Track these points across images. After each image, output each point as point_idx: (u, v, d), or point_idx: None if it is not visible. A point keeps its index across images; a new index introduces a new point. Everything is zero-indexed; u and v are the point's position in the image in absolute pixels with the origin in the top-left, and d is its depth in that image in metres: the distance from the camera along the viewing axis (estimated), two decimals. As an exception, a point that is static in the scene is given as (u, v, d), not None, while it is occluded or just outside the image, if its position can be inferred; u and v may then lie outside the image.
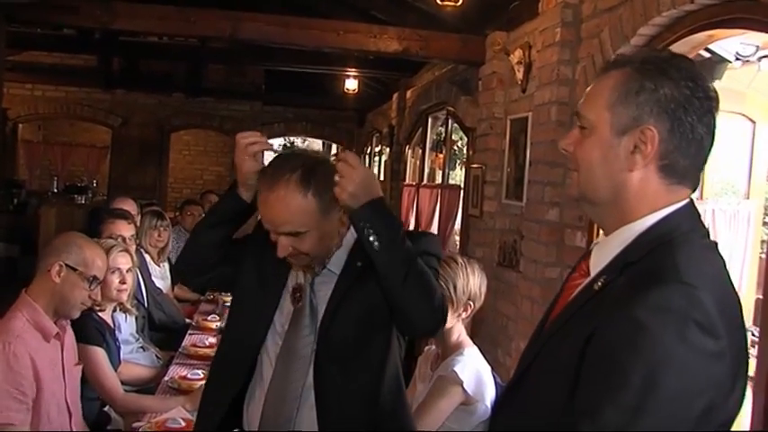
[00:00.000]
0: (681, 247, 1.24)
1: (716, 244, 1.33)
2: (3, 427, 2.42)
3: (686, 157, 1.28)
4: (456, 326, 2.67)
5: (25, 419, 2.48)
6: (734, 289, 1.28)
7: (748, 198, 4.08)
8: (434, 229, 7.09)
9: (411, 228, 7.75)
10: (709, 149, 1.31)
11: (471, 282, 2.67)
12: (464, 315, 2.69)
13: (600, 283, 1.29)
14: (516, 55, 4.95)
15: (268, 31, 5.33)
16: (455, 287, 2.63)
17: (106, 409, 3.43)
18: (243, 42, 5.70)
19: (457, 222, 6.59)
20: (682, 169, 1.29)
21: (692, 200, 1.33)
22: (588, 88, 1.39)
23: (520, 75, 4.91)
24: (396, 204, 8.42)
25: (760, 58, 4.65)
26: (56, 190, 12.88)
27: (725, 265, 1.30)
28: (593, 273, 1.35)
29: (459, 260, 2.71)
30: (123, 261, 3.55)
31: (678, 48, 3.42)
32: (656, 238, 1.27)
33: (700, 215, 1.34)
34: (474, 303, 2.70)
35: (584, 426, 1.16)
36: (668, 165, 1.28)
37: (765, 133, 4.10)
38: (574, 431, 1.17)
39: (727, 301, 1.21)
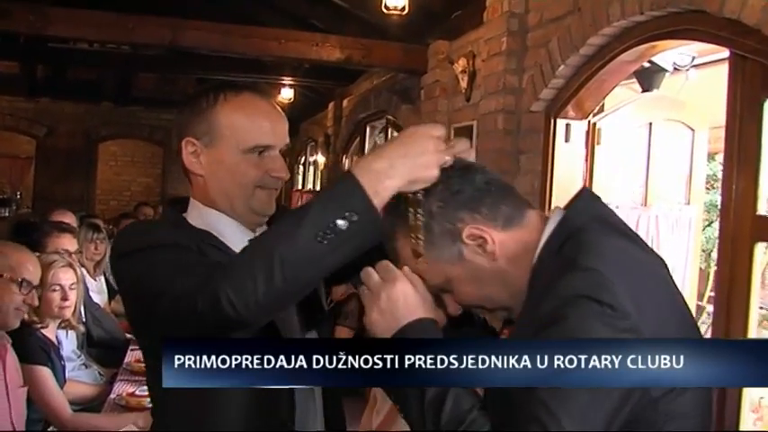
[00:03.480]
0: (574, 240, 1.22)
1: (620, 225, 1.30)
2: None
3: (497, 204, 1.28)
4: None
5: None
6: (647, 266, 1.26)
7: (689, 204, 4.19)
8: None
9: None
10: (498, 179, 1.31)
11: None
12: None
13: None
14: (460, 64, 4.99)
15: (209, 39, 5.24)
16: None
17: (50, 430, 3.29)
18: (183, 50, 5.58)
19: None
20: (508, 211, 1.29)
21: (562, 209, 1.30)
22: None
23: (464, 83, 4.95)
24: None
25: (688, 68, 4.81)
26: (-25, 202, 12.32)
27: (630, 245, 1.27)
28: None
29: None
30: (65, 277, 3.39)
31: (625, 57, 3.51)
32: (547, 266, 1.24)
33: (597, 205, 1.31)
34: None
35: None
36: (502, 222, 1.27)
37: (703, 141, 4.23)
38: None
39: (634, 281, 1.18)
